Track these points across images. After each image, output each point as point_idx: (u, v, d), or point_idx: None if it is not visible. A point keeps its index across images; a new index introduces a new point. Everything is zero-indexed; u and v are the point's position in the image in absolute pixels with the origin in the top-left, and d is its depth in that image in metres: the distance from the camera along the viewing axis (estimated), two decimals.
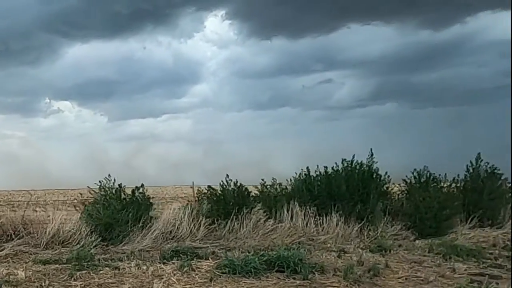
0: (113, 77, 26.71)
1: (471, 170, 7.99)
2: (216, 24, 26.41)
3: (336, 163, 7.42)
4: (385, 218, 7.27)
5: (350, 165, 7.32)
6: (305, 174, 7.56)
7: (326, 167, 7.53)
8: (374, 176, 7.39)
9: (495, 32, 19.39)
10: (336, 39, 24.17)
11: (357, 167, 7.29)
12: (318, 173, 7.53)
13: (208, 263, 5.40)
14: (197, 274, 4.80)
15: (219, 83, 27.20)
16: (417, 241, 6.85)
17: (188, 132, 25.75)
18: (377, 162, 7.43)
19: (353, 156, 7.33)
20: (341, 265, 5.19)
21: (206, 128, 26.36)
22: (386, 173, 7.54)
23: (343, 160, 7.33)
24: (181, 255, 5.83)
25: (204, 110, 27.63)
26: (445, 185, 7.61)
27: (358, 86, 25.01)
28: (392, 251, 6.13)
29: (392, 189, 7.85)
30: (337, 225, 7.08)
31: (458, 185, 7.99)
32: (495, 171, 7.95)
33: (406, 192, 7.60)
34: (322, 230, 7.03)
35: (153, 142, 25.48)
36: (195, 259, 5.79)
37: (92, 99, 28.62)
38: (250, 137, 24.11)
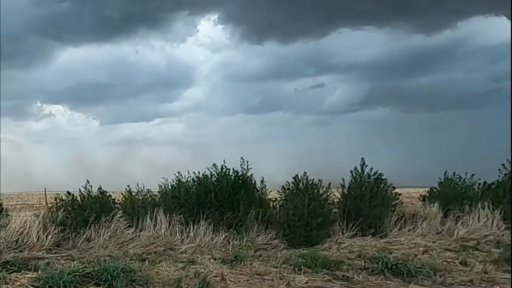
0: (105, 81, 27.99)
1: (356, 176, 7.97)
2: (209, 28, 27.13)
3: (208, 168, 7.29)
4: (258, 227, 7.17)
5: (221, 171, 7.19)
6: (177, 180, 7.40)
7: (198, 172, 7.41)
8: (247, 182, 7.27)
9: (486, 37, 20.48)
10: (328, 43, 25.74)
11: (227, 173, 7.19)
12: (189, 179, 7.38)
13: (30, 276, 5.19)
14: None
15: (211, 87, 28.16)
16: (285, 251, 6.82)
17: (180, 136, 26.03)
18: (251, 168, 7.34)
19: (224, 161, 7.24)
20: (172, 278, 5.11)
21: (197, 132, 26.80)
22: (263, 179, 7.48)
23: (214, 165, 7.23)
24: (8, 266, 5.56)
25: (196, 114, 27.95)
26: (325, 191, 7.57)
27: (350, 91, 26.22)
28: (244, 262, 6.06)
29: (267, 196, 7.79)
30: (205, 234, 6.95)
31: (344, 191, 7.97)
32: (380, 177, 7.99)
33: (284, 199, 7.56)
34: (188, 239, 6.88)
35: (145, 146, 25.58)
36: (22, 271, 5.53)
37: (84, 102, 29.08)
38: (240, 141, 24.55)
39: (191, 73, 28.47)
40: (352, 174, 8.18)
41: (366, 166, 8.31)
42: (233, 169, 7.57)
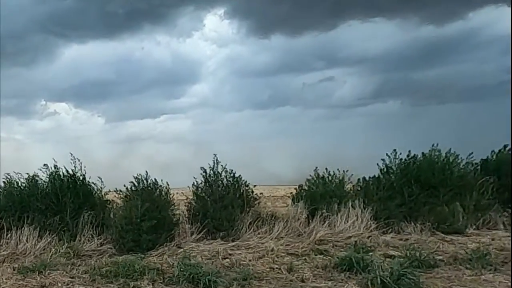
0: (110, 77, 28.04)
1: (206, 176, 7.91)
2: (216, 22, 27.15)
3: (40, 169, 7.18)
4: (92, 231, 7.09)
5: (52, 172, 7.10)
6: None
7: (34, 173, 7.30)
8: (78, 184, 7.18)
9: (498, 28, 20.60)
10: (337, 36, 25.43)
11: (57, 174, 7.09)
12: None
13: None
14: None
15: (218, 82, 29.50)
16: (106, 258, 6.79)
17: (186, 133, 26.07)
18: (85, 167, 7.26)
19: (55, 161, 7.14)
20: None
21: (204, 128, 26.94)
22: (101, 180, 7.39)
23: (45, 165, 7.13)
24: None
25: (203, 111, 28.23)
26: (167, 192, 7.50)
27: (359, 84, 26.92)
28: (44, 272, 6.01)
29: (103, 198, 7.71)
30: (27, 240, 6.86)
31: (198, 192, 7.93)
32: (235, 176, 7.93)
33: (126, 201, 7.49)
34: (7, 245, 6.79)
35: (151, 143, 25.64)
36: None
37: (89, 100, 30.90)
38: (248, 137, 24.84)
39: (197, 69, 29.80)
40: (203, 174, 8.08)
41: (220, 163, 8.21)
42: (65, 168, 7.45)
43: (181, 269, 5.98)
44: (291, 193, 9.58)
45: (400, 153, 9.31)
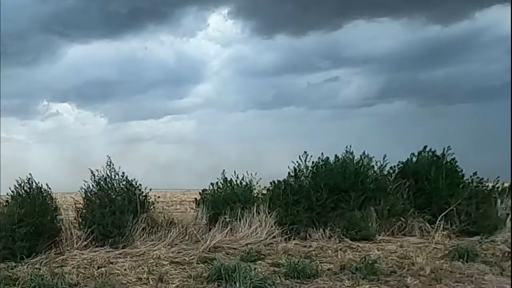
0: (113, 77, 28.49)
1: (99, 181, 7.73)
2: (220, 22, 27.32)
3: None
4: None
5: None
6: None
7: None
8: None
9: (505, 27, 20.49)
10: (342, 36, 25.90)
11: None
12: None
13: None
14: None
15: (222, 82, 29.76)
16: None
17: (190, 133, 26.50)
18: None
19: None
20: None
21: (208, 129, 27.35)
22: None
23: None
24: None
25: (207, 111, 28.68)
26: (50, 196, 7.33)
27: (365, 84, 27.27)
28: None
29: None
30: None
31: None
32: (130, 181, 7.77)
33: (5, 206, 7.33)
34: None
35: (154, 144, 26.07)
36: None
37: (91, 100, 31.21)
38: (252, 137, 25.28)
39: (201, 69, 30.17)
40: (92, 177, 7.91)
41: (113, 168, 8.03)
42: None
43: (31, 280, 5.80)
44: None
45: (311, 156, 9.15)
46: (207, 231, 8.52)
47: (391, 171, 9.55)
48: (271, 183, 9.29)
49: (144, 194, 8.43)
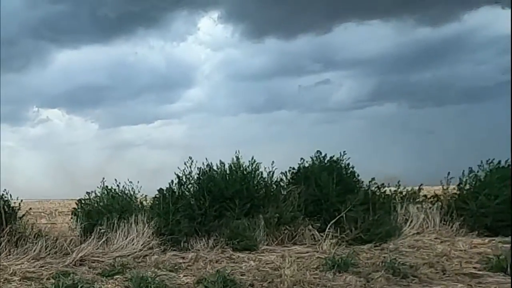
0: (104, 83, 28.83)
1: None
2: (210, 25, 27.64)
3: None
4: None
5: None
6: None
7: None
8: None
9: (494, 29, 22.18)
10: (333, 39, 26.91)
11: None
12: None
13: None
14: None
15: (213, 86, 30.30)
16: None
17: (181, 138, 26.60)
18: None
19: None
20: None
21: (199, 133, 27.64)
22: None
23: None
24: None
25: (198, 115, 28.92)
26: None
27: (356, 87, 27.88)
28: None
29: None
30: None
31: None
32: None
33: None
34: None
35: (145, 149, 26.11)
36: None
37: (82, 106, 31.53)
38: (243, 141, 25.57)
39: (192, 73, 30.62)
40: None
41: None
42: None
43: None
44: None
45: (197, 161, 8.93)
46: (79, 243, 8.24)
47: (284, 177, 9.37)
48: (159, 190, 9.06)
49: (9, 204, 8.12)
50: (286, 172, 9.38)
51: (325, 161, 9.32)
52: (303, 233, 9.00)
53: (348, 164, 9.38)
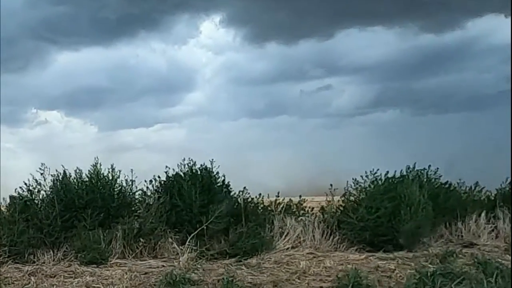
0: (104, 85, 27.84)
1: None
2: (212, 29, 27.54)
3: None
4: None
5: None
6: None
7: None
8: None
9: (498, 37, 21.96)
10: (335, 44, 26.20)
11: None
12: None
13: None
14: None
15: (214, 90, 29.33)
16: None
17: (180, 142, 26.48)
18: None
19: None
20: None
21: (199, 137, 27.64)
22: None
23: None
24: None
25: (198, 119, 28.98)
26: None
27: (358, 93, 27.46)
28: None
29: None
30: None
31: None
32: None
33: None
34: None
35: (144, 152, 26.04)
36: None
37: (81, 108, 30.06)
38: (243, 146, 25.57)
39: (193, 76, 29.71)
40: None
41: None
42: None
43: None
44: None
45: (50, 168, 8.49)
46: None
47: (150, 186, 8.98)
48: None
49: None
50: (152, 180, 8.97)
51: (193, 170, 8.92)
52: (163, 245, 8.62)
53: (217, 173, 9.00)
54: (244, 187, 9.14)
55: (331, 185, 9.86)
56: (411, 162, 10.40)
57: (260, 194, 9.53)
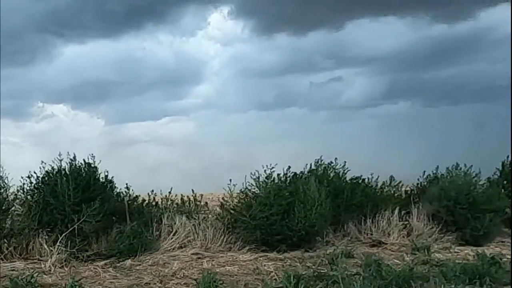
0: (110, 78, 27.61)
1: None
2: (220, 20, 28.06)
3: None
4: None
5: None
6: None
7: None
8: None
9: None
10: (346, 35, 25.91)
11: None
12: None
13: None
14: None
15: (222, 83, 29.03)
16: None
17: (189, 135, 26.61)
18: None
19: None
20: None
21: (207, 130, 27.95)
22: None
23: None
24: None
25: (206, 112, 29.47)
26: None
27: (369, 84, 27.13)
28: None
29: None
30: None
31: None
32: None
33: None
34: None
35: (153, 145, 26.22)
36: None
37: (88, 101, 29.69)
38: (252, 139, 25.91)
39: (201, 69, 29.62)
40: None
41: None
42: None
43: None
44: None
45: None
46: None
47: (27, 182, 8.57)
48: None
49: None
50: (29, 176, 8.56)
51: (72, 165, 8.49)
52: (34, 246, 8.22)
53: (96, 168, 8.56)
54: (128, 185, 8.74)
55: (230, 180, 9.44)
56: (423, 155, 10.23)
57: (152, 191, 9.13)
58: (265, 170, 9.19)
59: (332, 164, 9.90)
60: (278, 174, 9.23)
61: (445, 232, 10.02)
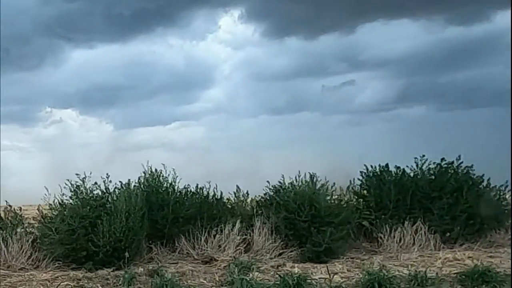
0: (119, 82, 27.58)
1: None
2: (231, 24, 27.57)
3: None
4: None
5: None
6: None
7: None
8: None
9: None
10: (359, 38, 25.71)
11: None
12: None
13: None
14: None
15: (233, 87, 28.82)
16: None
17: (198, 140, 26.69)
18: None
19: None
20: None
21: (217, 135, 27.80)
22: None
23: None
24: None
25: (217, 117, 29.13)
26: None
27: (382, 88, 26.94)
28: None
29: None
30: None
31: None
32: None
33: None
34: None
35: (162, 151, 26.28)
36: None
37: (96, 106, 29.66)
38: (262, 144, 25.69)
39: (211, 73, 30.49)
40: None
41: None
42: None
43: None
44: None
45: None
46: None
47: None
48: None
49: None
50: None
51: None
52: None
53: None
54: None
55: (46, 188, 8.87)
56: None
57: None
58: (83, 178, 8.69)
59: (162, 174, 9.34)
60: (95, 183, 8.72)
61: (290, 247, 9.41)
